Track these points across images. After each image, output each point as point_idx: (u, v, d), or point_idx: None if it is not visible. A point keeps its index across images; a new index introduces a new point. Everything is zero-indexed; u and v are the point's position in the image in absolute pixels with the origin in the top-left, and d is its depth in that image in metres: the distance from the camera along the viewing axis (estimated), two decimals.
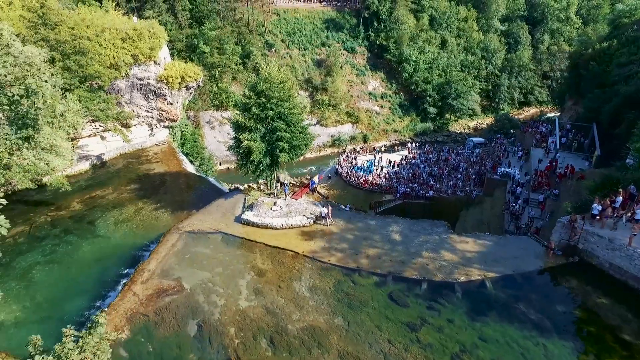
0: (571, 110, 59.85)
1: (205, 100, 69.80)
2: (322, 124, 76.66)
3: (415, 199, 50.90)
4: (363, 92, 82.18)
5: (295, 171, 67.76)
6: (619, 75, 48.53)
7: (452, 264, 25.85)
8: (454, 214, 49.40)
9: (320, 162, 72.61)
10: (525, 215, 39.91)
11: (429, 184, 51.94)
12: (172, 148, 45.43)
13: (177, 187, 38.16)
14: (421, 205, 50.74)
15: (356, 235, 28.84)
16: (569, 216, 26.61)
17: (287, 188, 31.93)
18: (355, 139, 78.47)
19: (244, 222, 29.88)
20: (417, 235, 28.82)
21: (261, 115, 29.75)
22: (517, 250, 27.29)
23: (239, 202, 32.89)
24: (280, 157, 30.75)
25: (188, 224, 30.21)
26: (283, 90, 30.25)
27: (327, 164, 71.19)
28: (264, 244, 27.95)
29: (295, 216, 30.02)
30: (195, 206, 34.50)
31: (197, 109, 68.41)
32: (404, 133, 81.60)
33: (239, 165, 31.51)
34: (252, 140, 29.74)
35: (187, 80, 45.57)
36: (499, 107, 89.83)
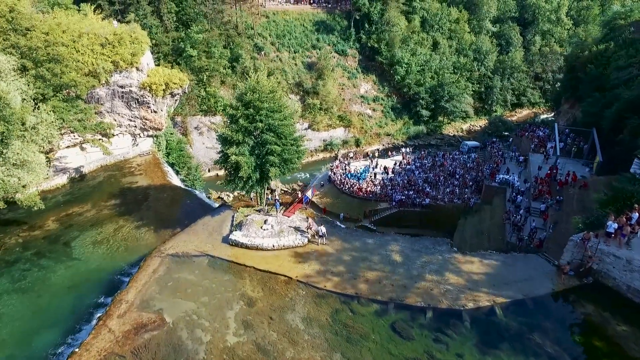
0: (568, 114, 58.19)
1: (192, 105, 67.13)
2: (313, 128, 74.36)
3: (411, 207, 48.86)
4: (355, 96, 79.98)
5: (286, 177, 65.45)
6: (618, 79, 46.83)
7: (458, 288, 23.65)
8: (451, 223, 47.40)
9: (313, 168, 70.23)
10: (527, 225, 37.97)
11: (424, 191, 49.87)
12: (156, 158, 42.68)
13: (161, 202, 35.50)
14: (417, 214, 48.73)
15: (353, 256, 26.51)
16: (582, 234, 24.54)
17: (279, 204, 29.48)
18: (347, 143, 76.34)
19: (232, 243, 27.38)
20: (419, 255, 26.59)
21: (249, 127, 27.27)
22: (526, 270, 25.18)
23: (226, 220, 30.35)
24: (271, 172, 28.31)
25: (171, 245, 27.62)
26: (273, 100, 27.81)
27: (320, 169, 68.80)
28: (254, 267, 25.49)
29: (287, 235, 27.60)
30: (180, 224, 31.91)
31: (184, 115, 65.75)
32: (396, 136, 79.59)
33: (227, 182, 28.98)
34: (240, 154, 27.25)
35: (171, 87, 42.86)
36: (492, 109, 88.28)
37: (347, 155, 63.09)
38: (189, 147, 65.80)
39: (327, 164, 69.00)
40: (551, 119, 79.09)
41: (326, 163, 71.18)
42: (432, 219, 48.56)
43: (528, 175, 45.93)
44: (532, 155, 48.95)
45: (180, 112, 65.00)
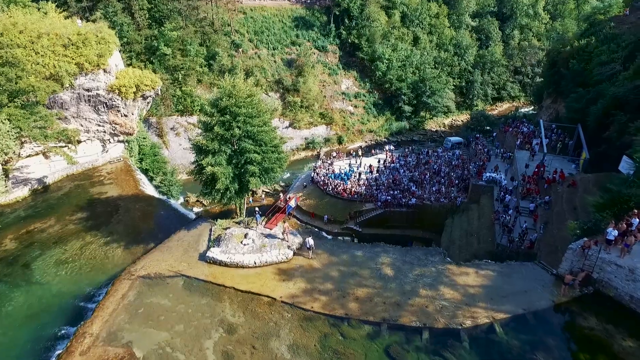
0: (550, 109, 57.30)
1: (168, 106, 63.93)
2: (294, 126, 72.02)
3: (397, 207, 47.15)
4: (336, 92, 77.78)
5: None
6: (601, 74, 45.89)
7: (455, 304, 21.85)
8: (438, 223, 45.93)
9: (295, 167, 67.87)
10: (517, 226, 36.62)
11: (410, 191, 48.19)
12: (128, 165, 39.59)
13: (133, 213, 32.63)
14: (404, 214, 47.10)
15: (342, 271, 24.43)
16: (582, 241, 23.01)
17: (259, 216, 27.12)
18: (329, 141, 74.17)
19: (210, 261, 24.94)
20: (411, 267, 24.69)
21: (226, 135, 24.78)
22: (524, 281, 23.56)
23: (203, 234, 27.81)
24: (251, 183, 25.95)
25: (143, 265, 24.99)
26: (251, 105, 25.36)
27: (302, 168, 66.60)
28: (234, 288, 23.13)
29: (270, 250, 25.30)
30: (154, 238, 29.26)
31: (159, 115, 62.56)
32: (379, 133, 77.84)
33: (203, 194, 26.46)
34: (217, 164, 24.77)
35: (143, 89, 39.76)
36: (473, 104, 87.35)
37: (329, 155, 60.86)
38: (165, 149, 62.77)
39: (310, 164, 66.86)
40: (532, 112, 78.70)
41: (308, 162, 69.04)
42: (419, 219, 47.02)
43: (515, 173, 44.69)
44: (517, 152, 47.74)
45: (154, 112, 61.82)
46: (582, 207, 33.82)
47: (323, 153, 70.87)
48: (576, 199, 35.44)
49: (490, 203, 42.53)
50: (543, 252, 32.63)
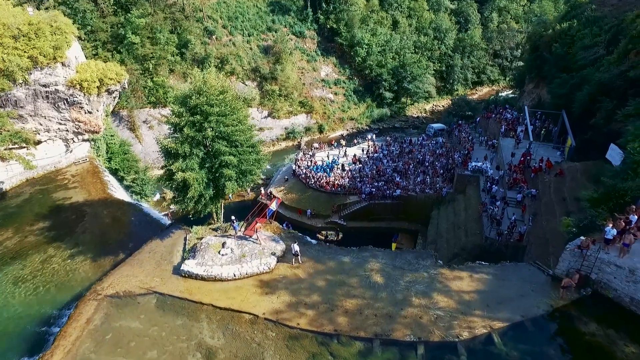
0: (532, 94, 56.24)
1: (139, 97, 60.30)
2: (274, 116, 69.38)
3: (381, 199, 45.62)
4: (315, 80, 75.13)
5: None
6: (585, 59, 44.78)
7: (450, 313, 20.38)
8: (424, 215, 44.69)
9: (275, 158, 65.32)
10: (505, 218, 35.52)
11: (395, 182, 46.65)
12: (95, 166, 36.52)
13: (101, 221, 29.91)
14: (389, 206, 45.66)
15: (329, 281, 22.62)
16: (579, 240, 21.72)
17: (237, 225, 24.91)
18: (310, 130, 71.90)
19: (186, 275, 22.73)
20: (402, 272, 23.06)
21: (197, 137, 22.34)
22: (520, 284, 22.23)
23: (178, 244, 25.48)
24: (227, 188, 23.64)
25: (111, 283, 22.59)
26: (224, 102, 22.90)
27: (283, 159, 64.28)
28: (213, 305, 21.05)
29: (250, 261, 23.24)
30: (124, 248, 26.81)
31: (130, 108, 58.94)
32: (360, 121, 75.93)
33: (174, 202, 24.06)
34: (188, 169, 22.37)
35: (107, 83, 36.54)
36: (454, 88, 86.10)
37: (311, 145, 58.59)
38: (138, 143, 59.45)
39: (291, 155, 64.54)
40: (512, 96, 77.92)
41: (289, 152, 66.75)
42: (404, 211, 45.68)
43: (500, 161, 43.53)
44: (502, 139, 46.55)
45: (125, 105, 58.22)
46: (571, 198, 32.88)
47: (304, 143, 68.65)
48: (564, 188, 34.47)
49: (476, 193, 41.36)
50: (533, 245, 31.68)
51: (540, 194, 35.41)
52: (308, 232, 45.92)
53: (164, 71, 62.45)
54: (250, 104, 67.83)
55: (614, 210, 23.11)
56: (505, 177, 40.06)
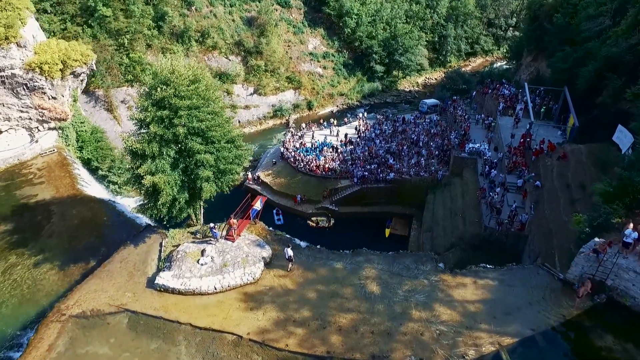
0: (530, 67, 53.19)
1: (115, 76, 56.01)
2: (260, 92, 65.60)
3: (374, 183, 43.26)
4: (303, 53, 70.89)
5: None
6: (589, 30, 41.54)
7: (454, 328, 18.35)
8: (419, 198, 42.51)
9: (262, 138, 62.34)
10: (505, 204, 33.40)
11: (388, 164, 44.14)
12: (63, 157, 33.16)
13: (70, 222, 26.97)
14: (382, 190, 43.42)
15: (320, 292, 20.36)
16: (593, 243, 19.60)
17: (217, 232, 22.24)
18: (299, 107, 68.42)
19: (161, 289, 20.30)
20: (400, 280, 20.87)
21: (166, 134, 19.33)
22: (528, 291, 20.21)
23: (153, 251, 22.84)
24: (204, 190, 20.85)
25: (77, 300, 20.04)
26: (196, 94, 19.77)
27: (271, 139, 61.12)
28: (191, 325, 18.75)
29: (233, 270, 20.80)
30: (94, 254, 24.13)
31: (106, 87, 54.80)
32: (350, 96, 72.44)
33: (143, 209, 21.25)
34: (159, 171, 19.47)
35: (71, 65, 32.71)
36: (446, 60, 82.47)
37: (299, 125, 55.35)
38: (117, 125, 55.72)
39: (279, 134, 61.38)
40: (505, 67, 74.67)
41: (277, 131, 63.56)
42: (398, 195, 43.47)
43: (499, 142, 41.06)
44: (500, 118, 43.88)
45: (101, 84, 54.08)
46: (576, 185, 30.74)
47: (292, 120, 65.34)
48: (568, 173, 32.24)
49: (474, 177, 39.10)
50: (536, 236, 29.74)
51: (542, 179, 33.21)
52: (299, 218, 43.80)
53: (140, 47, 57.86)
54: (235, 80, 63.95)
55: (630, 207, 20.99)
56: (504, 160, 37.73)
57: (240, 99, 64.03)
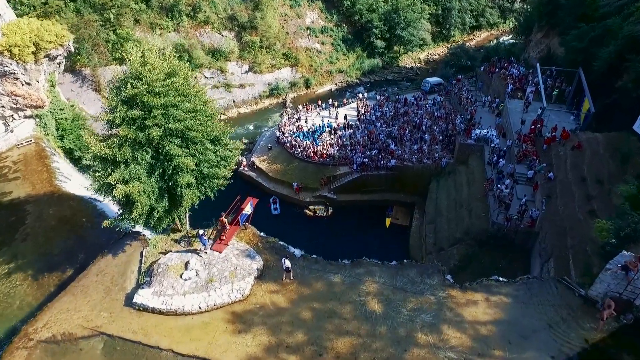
0: (541, 45, 49.44)
1: (102, 54, 52.46)
2: (255, 70, 61.89)
3: (375, 170, 40.69)
4: (300, 28, 66.61)
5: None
6: (608, 5, 37.88)
7: (464, 355, 16.22)
8: (421, 186, 40.11)
9: (258, 118, 59.23)
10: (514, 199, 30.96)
11: (389, 150, 41.42)
12: (41, 149, 30.34)
13: (46, 224, 24.43)
14: (382, 177, 40.96)
15: (316, 310, 18.16)
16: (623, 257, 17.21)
17: (206, 239, 19.85)
18: (296, 85, 64.80)
19: (140, 308, 18.12)
20: (404, 296, 18.65)
21: (139, 137, 16.59)
22: (545, 309, 18.00)
23: (133, 261, 20.50)
24: (185, 198, 18.30)
25: (46, 322, 17.79)
26: (173, 89, 16.88)
27: (267, 120, 58.00)
28: (173, 351, 16.65)
29: (220, 286, 18.55)
30: (72, 261, 21.83)
31: (93, 66, 51.45)
32: (350, 73, 68.64)
33: (116, 221, 18.67)
34: (133, 179, 16.85)
35: (45, 47, 29.41)
36: (450, 34, 77.92)
37: (296, 108, 52.08)
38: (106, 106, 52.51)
39: (275, 114, 58.18)
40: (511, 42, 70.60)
41: (274, 111, 60.34)
42: (400, 182, 40.97)
43: (507, 128, 38.15)
44: (509, 101, 40.76)
45: (87, 62, 50.76)
46: (592, 179, 28.17)
47: (289, 100, 61.96)
48: (584, 165, 29.62)
49: (480, 166, 36.48)
50: (547, 235, 27.38)
51: (555, 171, 30.62)
52: (296, 207, 41.48)
53: (128, 22, 53.95)
54: (229, 57, 60.14)
55: None
56: (513, 149, 34.99)
57: (234, 77, 60.45)
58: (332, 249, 35.25)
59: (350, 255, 21.33)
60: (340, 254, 21.63)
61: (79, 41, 48.45)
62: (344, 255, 21.46)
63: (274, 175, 43.35)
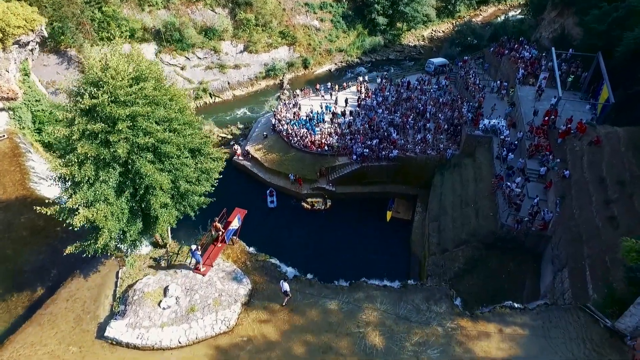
0: (554, 24, 45.62)
1: (88, 33, 48.94)
2: (250, 50, 58.18)
3: (376, 161, 38.09)
4: (297, 4, 62.31)
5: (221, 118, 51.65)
6: None
7: None
8: (425, 179, 37.60)
9: (254, 101, 56.08)
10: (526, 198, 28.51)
11: (391, 139, 38.66)
12: (15, 145, 27.60)
13: (16, 235, 21.86)
14: (384, 169, 38.38)
15: (310, 344, 16.03)
16: None
17: (199, 254, 17.09)
18: (293, 66, 61.17)
19: (113, 342, 16.03)
20: (408, 327, 16.47)
21: (103, 154, 13.97)
22: (567, 343, 15.85)
23: (107, 283, 18.23)
24: (161, 220, 15.83)
25: (8, 359, 15.85)
26: (142, 96, 14.11)
27: (263, 103, 54.76)
28: None
29: (202, 317, 16.36)
30: (43, 279, 19.63)
31: (78, 46, 48.04)
32: (350, 52, 64.81)
33: (81, 247, 16.21)
34: (98, 201, 14.35)
35: (12, 33, 26.26)
36: (456, 9, 73.24)
37: (293, 93, 48.74)
38: None
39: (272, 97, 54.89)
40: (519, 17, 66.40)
41: (271, 93, 57.06)
42: (402, 174, 38.43)
43: (518, 118, 35.24)
44: (520, 88, 37.62)
45: (72, 42, 47.35)
46: (612, 180, 25.57)
47: (287, 81, 58.58)
48: (602, 164, 26.95)
49: (488, 159, 33.84)
50: (561, 241, 25.04)
51: (570, 168, 28.04)
52: (294, 200, 39.15)
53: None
54: (222, 36, 56.34)
55: None
56: (524, 142, 32.25)
57: (228, 58, 56.83)
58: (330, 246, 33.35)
59: (348, 252, 19.10)
60: (338, 252, 19.42)
61: (62, 20, 45.02)
62: (342, 253, 19.20)
63: (270, 166, 40.78)
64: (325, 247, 33.23)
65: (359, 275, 20.45)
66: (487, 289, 26.85)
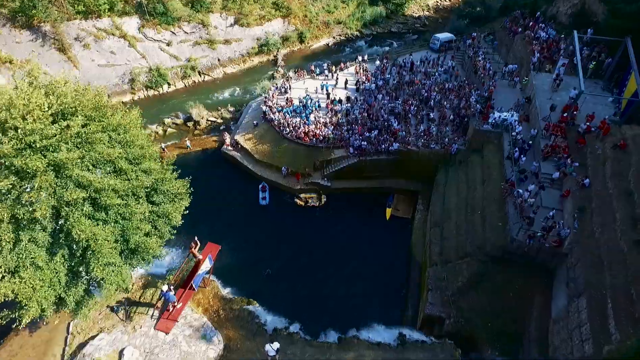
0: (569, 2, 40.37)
1: (62, 6, 44.10)
2: (241, 23, 53.02)
3: (374, 154, 34.57)
4: None
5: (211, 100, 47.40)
6: None
7: None
8: (427, 174, 34.22)
9: (247, 79, 51.50)
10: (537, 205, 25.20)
11: (391, 130, 34.92)
12: None
13: None
14: (383, 163, 34.92)
15: None
16: None
17: (172, 295, 13.94)
18: (288, 40, 56.10)
19: None
20: None
21: (19, 214, 10.57)
22: None
23: (55, 339, 14.88)
24: (106, 282, 12.65)
25: None
26: (66, 137, 10.51)
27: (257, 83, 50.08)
28: None
29: None
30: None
31: (52, 20, 43.39)
32: (349, 24, 59.40)
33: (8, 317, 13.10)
34: (24, 266, 11.15)
35: None
36: None
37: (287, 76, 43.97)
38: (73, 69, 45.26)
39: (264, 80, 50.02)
40: None
41: (264, 71, 52.42)
42: (402, 168, 34.99)
43: (532, 112, 31.27)
44: (535, 75, 33.30)
45: (45, 17, 42.60)
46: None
47: (281, 57, 53.74)
48: (629, 173, 23.48)
49: (497, 159, 30.23)
50: (580, 262, 21.93)
51: (591, 176, 24.61)
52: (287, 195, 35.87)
53: None
54: (211, 8, 50.99)
55: None
56: (539, 141, 28.52)
57: (218, 32, 51.72)
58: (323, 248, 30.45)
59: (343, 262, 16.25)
60: (331, 255, 16.59)
61: None
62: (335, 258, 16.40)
63: (261, 158, 37.21)
64: (317, 257, 30.04)
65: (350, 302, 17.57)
66: (493, 307, 24.25)
